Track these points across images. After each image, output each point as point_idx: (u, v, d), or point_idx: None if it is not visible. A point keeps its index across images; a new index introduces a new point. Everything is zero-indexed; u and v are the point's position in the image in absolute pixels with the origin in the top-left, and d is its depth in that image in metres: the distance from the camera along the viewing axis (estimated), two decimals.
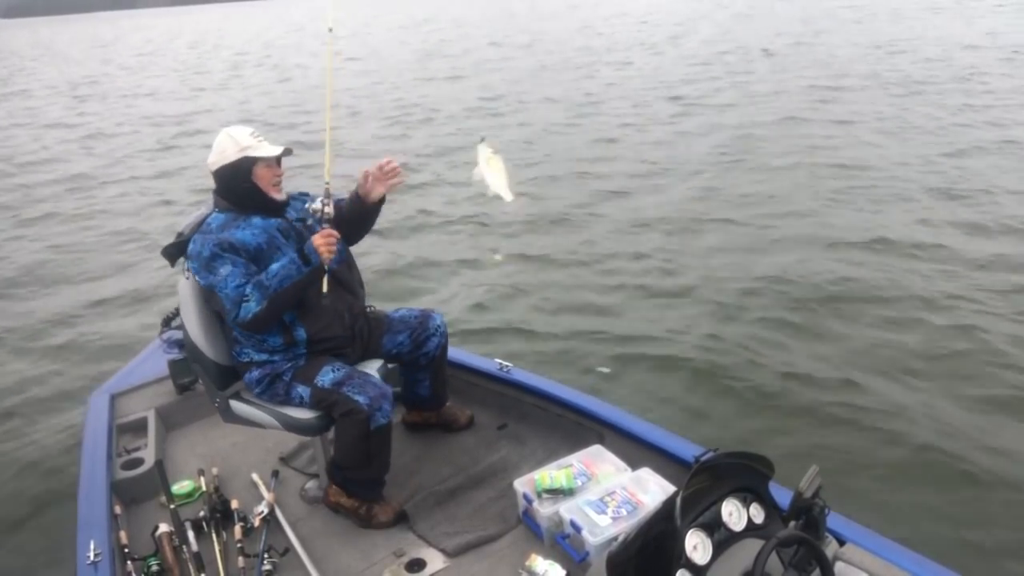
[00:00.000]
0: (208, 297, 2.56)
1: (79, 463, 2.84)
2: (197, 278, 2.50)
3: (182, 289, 2.62)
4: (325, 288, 2.46)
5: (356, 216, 2.69)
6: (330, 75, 2.72)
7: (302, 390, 2.52)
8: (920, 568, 1.93)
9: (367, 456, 2.50)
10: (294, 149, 2.63)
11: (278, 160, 2.57)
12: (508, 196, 2.46)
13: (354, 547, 2.50)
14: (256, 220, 2.54)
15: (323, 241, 2.41)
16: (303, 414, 2.54)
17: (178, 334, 3.10)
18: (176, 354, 3.23)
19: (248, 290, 2.39)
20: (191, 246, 2.51)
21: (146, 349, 3.76)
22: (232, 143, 2.50)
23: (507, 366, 3.12)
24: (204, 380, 2.74)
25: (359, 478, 2.57)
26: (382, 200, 2.70)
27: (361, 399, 2.43)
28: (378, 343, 2.78)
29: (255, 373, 2.57)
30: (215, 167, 2.54)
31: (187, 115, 15.65)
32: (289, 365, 2.56)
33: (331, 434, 2.63)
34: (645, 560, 1.65)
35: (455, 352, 3.18)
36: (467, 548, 2.43)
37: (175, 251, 2.63)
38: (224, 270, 2.42)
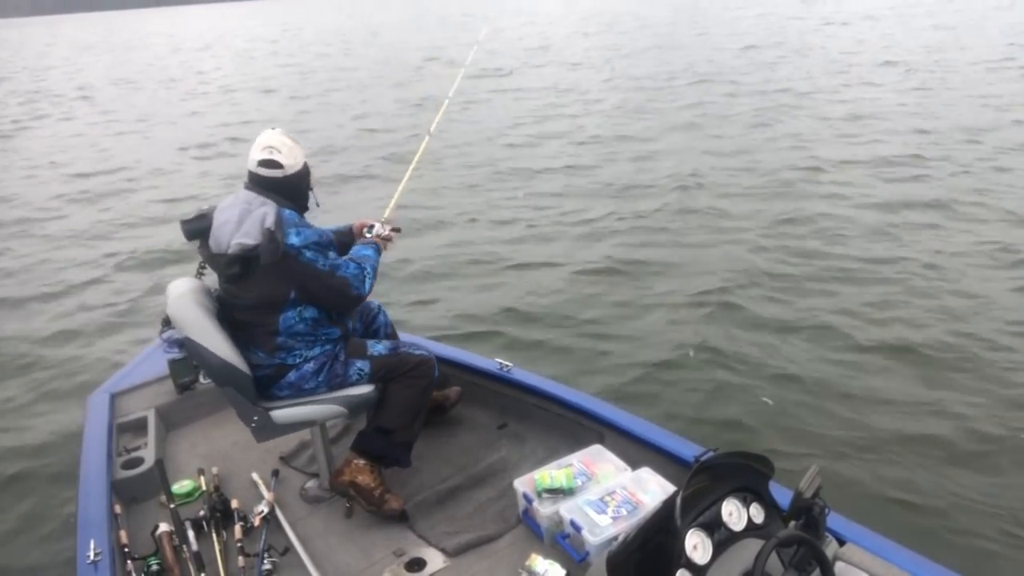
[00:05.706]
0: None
1: (79, 462, 2.85)
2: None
3: (189, 314, 2.45)
4: None
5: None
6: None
7: (360, 364, 2.61)
8: (920, 568, 1.93)
9: (417, 412, 2.64)
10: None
11: None
12: None
13: (354, 546, 2.50)
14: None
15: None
16: (362, 390, 2.58)
17: (178, 333, 3.08)
18: (176, 353, 3.22)
19: (368, 269, 2.61)
20: (295, 238, 2.42)
21: (146, 349, 3.76)
22: (300, 149, 2.58)
23: (507, 366, 3.12)
24: (237, 400, 2.49)
25: (401, 440, 2.63)
26: None
27: (424, 352, 2.66)
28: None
29: (310, 366, 2.55)
30: (294, 170, 2.52)
31: None
32: (341, 347, 2.63)
33: (336, 429, 2.71)
34: (645, 560, 1.65)
35: (455, 352, 3.18)
36: (467, 548, 2.43)
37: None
38: (332, 253, 2.55)
